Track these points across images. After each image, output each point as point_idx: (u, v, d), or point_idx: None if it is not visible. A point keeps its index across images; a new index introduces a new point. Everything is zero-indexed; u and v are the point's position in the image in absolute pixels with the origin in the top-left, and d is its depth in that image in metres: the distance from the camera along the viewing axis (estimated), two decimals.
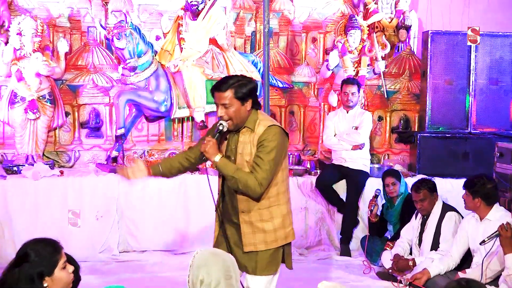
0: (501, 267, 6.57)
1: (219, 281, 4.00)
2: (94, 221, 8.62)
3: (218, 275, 4.01)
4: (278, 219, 5.18)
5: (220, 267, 4.04)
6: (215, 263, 4.05)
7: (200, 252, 4.13)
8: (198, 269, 4.03)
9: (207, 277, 4.00)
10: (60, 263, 4.09)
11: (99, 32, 9.65)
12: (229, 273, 4.06)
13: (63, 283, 4.11)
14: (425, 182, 7.80)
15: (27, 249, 4.07)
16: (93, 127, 9.63)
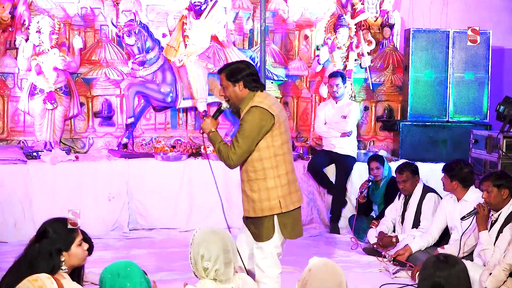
0: (475, 242, 6.58)
1: (218, 255, 4.02)
2: (107, 202, 8.62)
3: (217, 250, 4.03)
4: (263, 192, 5.26)
5: (218, 243, 4.06)
6: (214, 240, 4.06)
7: (200, 231, 4.15)
8: (199, 246, 4.05)
9: (207, 253, 4.01)
10: (77, 240, 4.11)
11: (111, 30, 9.64)
12: (227, 247, 4.07)
13: (78, 259, 4.13)
14: (408, 165, 7.82)
15: (47, 227, 4.08)
16: (105, 117, 9.61)
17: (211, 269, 4.02)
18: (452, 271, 3.76)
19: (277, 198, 5.31)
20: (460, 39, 9.81)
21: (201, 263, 4.03)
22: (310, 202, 9.18)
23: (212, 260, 4.02)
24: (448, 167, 7.07)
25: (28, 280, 3.41)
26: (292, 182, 5.43)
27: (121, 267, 3.67)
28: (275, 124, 5.23)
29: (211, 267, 4.02)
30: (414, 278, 6.82)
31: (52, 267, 3.91)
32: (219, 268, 4.03)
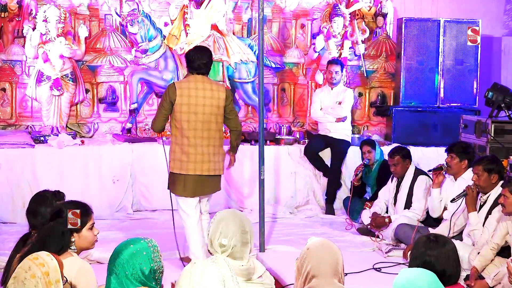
0: (465, 222, 6.59)
1: (235, 233, 4.02)
2: (111, 184, 8.62)
3: (235, 229, 4.03)
4: (171, 152, 6.41)
5: (237, 223, 4.07)
6: (233, 219, 4.08)
7: (222, 211, 4.19)
8: (219, 223, 4.06)
9: (225, 230, 4.02)
10: (88, 224, 4.10)
11: (115, 19, 9.61)
12: (245, 228, 4.08)
13: (87, 242, 4.12)
14: (399, 149, 7.81)
15: (63, 207, 4.07)
16: (109, 102, 9.61)
17: (228, 246, 4.01)
18: (442, 250, 3.76)
19: (173, 161, 6.40)
20: (450, 28, 9.80)
21: (218, 239, 4.02)
22: (306, 185, 9.18)
23: (230, 237, 4.01)
24: (460, 148, 7.04)
25: (29, 259, 3.40)
26: (185, 153, 6.28)
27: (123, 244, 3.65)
28: (177, 98, 6.16)
29: (228, 243, 4.00)
30: (406, 257, 6.83)
31: (62, 247, 3.90)
32: (236, 245, 4.01)
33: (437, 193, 7.09)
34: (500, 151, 7.58)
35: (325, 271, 3.45)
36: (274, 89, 10.14)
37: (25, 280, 3.33)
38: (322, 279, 3.44)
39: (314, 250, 3.53)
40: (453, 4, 10.84)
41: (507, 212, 5.80)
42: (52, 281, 3.36)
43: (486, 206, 6.37)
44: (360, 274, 6.35)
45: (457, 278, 3.80)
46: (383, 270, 6.61)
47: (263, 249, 7.05)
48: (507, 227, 5.86)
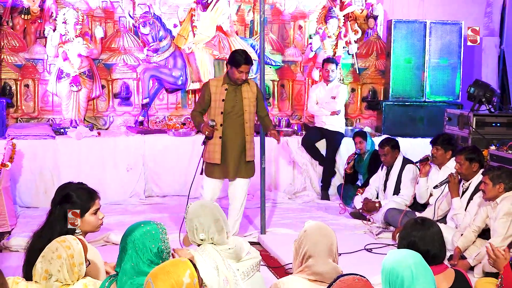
0: (448, 207, 6.59)
1: (209, 225, 4.02)
2: (125, 172, 8.63)
3: (208, 221, 4.03)
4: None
5: (208, 215, 4.05)
6: (204, 213, 4.06)
7: (191, 206, 4.15)
8: (191, 221, 4.06)
9: (200, 226, 4.02)
10: (92, 209, 4.07)
11: (128, 21, 9.58)
12: (217, 217, 4.07)
13: (91, 226, 4.11)
14: (389, 140, 7.80)
15: (71, 192, 4.06)
16: (124, 97, 9.58)
17: (207, 239, 4.02)
18: (427, 232, 3.76)
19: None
20: (436, 29, 9.78)
21: (197, 235, 4.03)
22: (304, 173, 9.16)
23: (206, 231, 4.01)
24: (444, 140, 7.04)
25: (57, 241, 3.43)
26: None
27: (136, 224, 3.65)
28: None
29: (206, 237, 4.01)
30: (394, 238, 6.83)
31: (67, 230, 3.89)
32: (213, 236, 4.02)
33: (424, 182, 7.09)
34: (481, 142, 7.57)
35: (320, 251, 3.44)
36: (274, 85, 10.12)
37: (51, 260, 3.35)
38: (317, 258, 3.43)
39: (311, 233, 3.52)
40: (438, 7, 10.79)
41: (487, 197, 5.80)
42: (76, 263, 3.38)
43: (468, 192, 6.39)
44: (353, 254, 6.36)
45: (442, 258, 3.78)
46: (374, 250, 6.62)
47: (264, 232, 7.05)
48: (487, 211, 5.88)
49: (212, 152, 6.60)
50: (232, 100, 6.57)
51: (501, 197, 5.71)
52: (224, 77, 6.67)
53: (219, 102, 6.55)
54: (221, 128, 6.57)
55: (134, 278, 3.41)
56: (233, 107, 6.58)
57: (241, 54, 6.56)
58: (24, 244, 4.18)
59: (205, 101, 6.66)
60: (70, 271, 3.35)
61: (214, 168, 6.66)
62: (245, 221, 7.50)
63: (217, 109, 6.57)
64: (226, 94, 6.55)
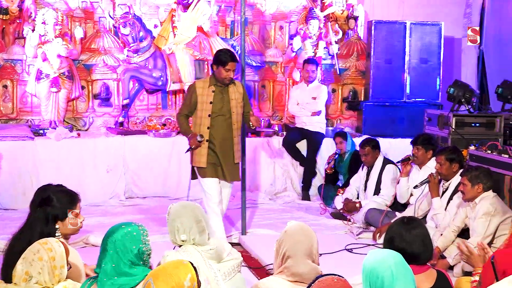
0: (428, 207, 6.63)
1: (191, 226, 4.02)
2: (105, 173, 8.59)
3: (190, 222, 4.03)
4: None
5: (190, 216, 4.06)
6: (186, 213, 4.06)
7: (172, 207, 4.15)
8: (174, 222, 4.05)
9: (181, 226, 4.02)
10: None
11: (108, 21, 9.54)
12: (198, 217, 4.08)
13: (71, 229, 4.10)
14: (369, 141, 7.83)
15: (51, 195, 4.04)
16: (103, 98, 9.54)
17: (189, 240, 4.02)
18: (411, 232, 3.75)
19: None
20: (416, 30, 9.85)
21: (178, 236, 4.03)
22: (284, 173, 9.18)
23: (187, 232, 4.02)
24: (424, 140, 7.08)
25: (39, 243, 3.41)
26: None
27: (117, 225, 3.65)
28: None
29: (188, 237, 4.01)
30: (375, 238, 6.86)
31: (48, 233, 3.87)
32: (195, 237, 4.03)
33: (405, 182, 7.13)
34: (460, 142, 7.62)
35: (299, 252, 3.45)
36: (255, 86, 10.12)
37: (32, 262, 3.33)
38: (296, 259, 3.44)
39: (291, 233, 3.53)
40: (418, 8, 10.85)
41: (466, 198, 5.84)
42: (57, 266, 3.36)
43: (448, 192, 6.43)
44: (334, 255, 6.38)
45: (425, 259, 3.78)
46: (354, 250, 6.65)
47: (244, 232, 7.06)
48: (466, 211, 5.92)
49: (198, 155, 6.50)
50: (219, 102, 6.49)
51: (480, 197, 5.76)
52: (210, 79, 6.59)
53: (206, 105, 6.46)
54: (208, 131, 6.47)
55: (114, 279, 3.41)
56: (221, 109, 6.50)
57: (226, 52, 6.55)
58: (3, 246, 4.15)
59: (192, 104, 6.54)
60: (51, 273, 3.33)
61: (205, 169, 6.53)
62: (226, 222, 7.49)
63: (204, 112, 6.47)
64: (213, 96, 6.47)
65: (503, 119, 8.04)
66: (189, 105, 6.58)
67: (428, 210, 6.64)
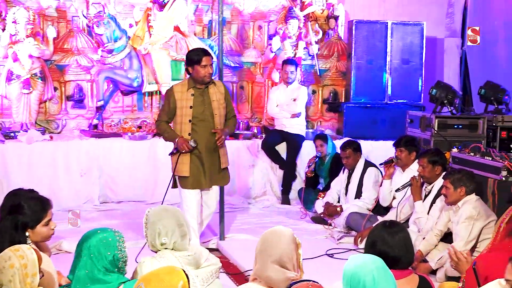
0: (411, 210, 6.66)
1: (173, 230, 4.01)
2: (79, 177, 8.54)
3: (173, 225, 4.01)
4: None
5: (173, 219, 4.04)
6: (168, 216, 4.05)
7: (151, 210, 4.13)
8: (155, 224, 4.03)
9: (163, 229, 4.00)
10: (44, 220, 4.03)
11: (82, 20, 9.49)
12: (180, 222, 4.07)
13: (42, 237, 4.07)
14: (350, 143, 7.86)
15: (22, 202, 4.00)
16: (77, 100, 9.48)
17: (169, 243, 4.00)
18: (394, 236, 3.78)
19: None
20: (397, 30, 9.91)
21: (159, 239, 4.01)
22: (264, 177, 9.18)
23: (169, 234, 4.00)
24: (407, 141, 7.13)
25: (10, 250, 3.38)
26: None
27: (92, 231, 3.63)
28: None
29: (169, 241, 4.00)
30: (356, 243, 6.88)
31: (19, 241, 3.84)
32: (176, 241, 4.01)
33: (388, 184, 7.17)
34: (443, 144, 7.65)
35: (266, 256, 3.45)
36: (233, 87, 10.11)
37: (3, 269, 3.30)
38: (262, 263, 3.44)
39: (262, 237, 3.56)
40: (399, 7, 10.92)
41: (449, 202, 5.88)
42: (29, 274, 3.33)
43: (430, 195, 6.46)
44: (314, 260, 6.38)
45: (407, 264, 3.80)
46: (335, 256, 6.65)
47: (223, 238, 7.05)
48: (449, 215, 5.96)
49: (180, 164, 6.36)
50: (200, 105, 6.34)
51: (463, 201, 5.79)
52: (188, 81, 6.44)
53: (186, 109, 6.32)
54: (190, 137, 6.33)
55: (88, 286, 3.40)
56: (202, 113, 6.35)
57: (196, 50, 6.55)
58: None
59: (171, 109, 6.39)
60: (22, 281, 3.30)
61: (188, 179, 6.41)
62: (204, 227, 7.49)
63: (184, 117, 6.33)
64: (193, 100, 6.33)
65: (486, 121, 8.09)
66: (168, 111, 6.43)
67: (411, 213, 6.67)
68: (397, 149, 7.17)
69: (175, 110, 6.38)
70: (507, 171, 6.14)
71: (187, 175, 6.36)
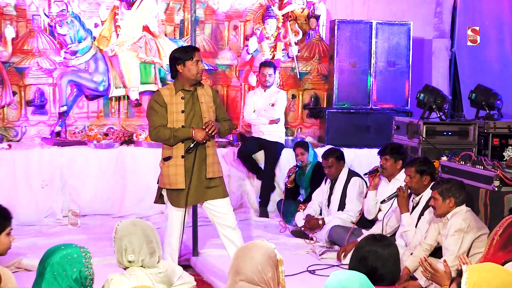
0: (397, 223, 6.68)
1: (141, 246, 4.00)
2: (40, 189, 8.50)
3: (140, 242, 4.00)
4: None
5: (140, 235, 4.03)
6: (135, 232, 4.03)
7: (121, 224, 4.12)
8: (121, 240, 4.02)
9: (130, 246, 3.99)
10: (7, 229, 4.01)
11: (43, 20, 9.47)
12: (150, 238, 4.05)
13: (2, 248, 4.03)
14: (333, 151, 7.88)
15: None
16: (38, 105, 9.44)
17: (137, 261, 3.99)
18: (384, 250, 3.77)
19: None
20: (382, 30, 9.96)
21: (125, 256, 3.99)
22: (240, 187, 9.20)
23: (136, 252, 3.99)
24: (393, 149, 7.15)
25: None
26: None
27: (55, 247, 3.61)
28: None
29: (136, 258, 3.99)
30: (339, 258, 6.90)
31: None
32: (144, 259, 4.00)
33: (373, 195, 7.19)
34: (431, 152, 7.71)
35: (232, 271, 3.44)
36: None
37: None
38: (231, 284, 3.43)
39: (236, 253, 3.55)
40: (384, 6, 10.98)
41: (438, 214, 5.89)
42: None
43: (418, 207, 6.48)
44: (294, 277, 6.39)
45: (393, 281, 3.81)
46: (317, 272, 6.67)
47: (196, 254, 7.04)
48: (439, 228, 5.96)
49: (174, 175, 5.96)
50: (190, 109, 6.04)
51: (452, 213, 5.81)
52: (174, 85, 6.13)
53: (177, 114, 6.02)
54: (183, 145, 5.96)
55: None
56: (193, 117, 6.04)
57: (183, 46, 6.57)
58: None
59: (163, 114, 6.00)
60: None
61: (179, 195, 6.01)
62: None
63: (176, 123, 5.99)
64: (184, 103, 6.02)
65: (477, 127, 8.15)
66: (162, 114, 6.01)
67: (397, 226, 6.69)
68: (382, 158, 7.20)
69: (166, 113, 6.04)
70: (500, 181, 6.18)
71: (183, 187, 5.97)
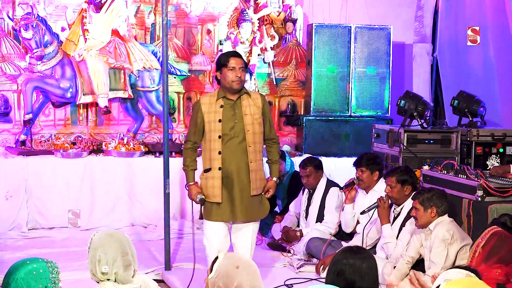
0: (378, 235, 6.71)
1: (115, 258, 3.98)
2: (4, 201, 8.45)
3: (115, 253, 3.98)
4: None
5: (116, 246, 4.01)
6: (111, 243, 4.02)
7: (97, 234, 4.10)
8: (95, 251, 4.00)
9: (104, 257, 3.97)
10: None
11: (7, 23, 9.42)
12: (125, 250, 4.04)
13: None
14: (311, 160, 7.90)
15: None
16: (1, 113, 9.39)
17: (110, 273, 3.98)
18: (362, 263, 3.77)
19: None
20: (361, 34, 9.99)
21: (99, 267, 3.98)
22: None
23: (110, 264, 3.97)
24: (369, 160, 7.17)
25: None
26: None
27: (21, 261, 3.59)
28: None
29: (110, 270, 3.97)
30: (318, 272, 6.91)
31: None
32: (117, 272, 3.99)
33: (350, 209, 7.22)
34: (413, 161, 7.76)
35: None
36: (179, 98, 10.11)
37: None
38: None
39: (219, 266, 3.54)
40: (363, 10, 11.02)
41: (420, 225, 5.93)
42: None
43: (399, 218, 6.51)
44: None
45: None
46: (295, 286, 6.68)
47: (168, 267, 7.03)
48: (421, 239, 5.99)
49: (211, 187, 5.91)
50: (230, 119, 5.87)
51: (435, 223, 5.85)
52: (217, 92, 5.97)
53: (215, 124, 5.86)
54: (220, 156, 5.86)
55: None
56: (232, 128, 5.87)
57: (226, 52, 6.39)
58: None
59: (199, 127, 5.94)
60: None
61: (214, 208, 5.95)
62: (147, 255, 7.45)
63: (213, 133, 5.86)
64: (222, 112, 5.87)
65: (459, 135, 8.21)
66: (195, 130, 5.98)
67: (378, 238, 6.73)
68: (358, 169, 7.23)
69: (203, 127, 5.95)
70: (483, 191, 6.23)
71: (219, 201, 5.90)
